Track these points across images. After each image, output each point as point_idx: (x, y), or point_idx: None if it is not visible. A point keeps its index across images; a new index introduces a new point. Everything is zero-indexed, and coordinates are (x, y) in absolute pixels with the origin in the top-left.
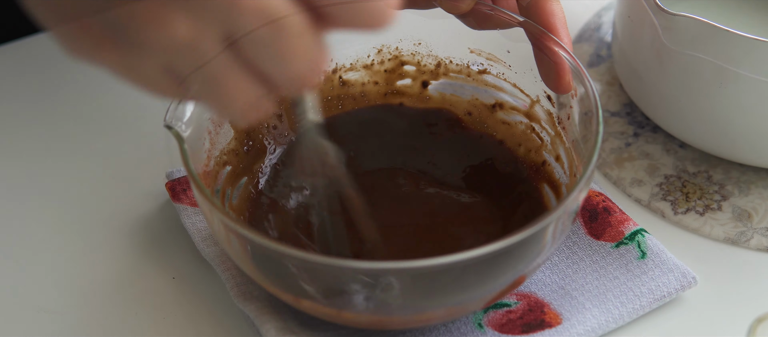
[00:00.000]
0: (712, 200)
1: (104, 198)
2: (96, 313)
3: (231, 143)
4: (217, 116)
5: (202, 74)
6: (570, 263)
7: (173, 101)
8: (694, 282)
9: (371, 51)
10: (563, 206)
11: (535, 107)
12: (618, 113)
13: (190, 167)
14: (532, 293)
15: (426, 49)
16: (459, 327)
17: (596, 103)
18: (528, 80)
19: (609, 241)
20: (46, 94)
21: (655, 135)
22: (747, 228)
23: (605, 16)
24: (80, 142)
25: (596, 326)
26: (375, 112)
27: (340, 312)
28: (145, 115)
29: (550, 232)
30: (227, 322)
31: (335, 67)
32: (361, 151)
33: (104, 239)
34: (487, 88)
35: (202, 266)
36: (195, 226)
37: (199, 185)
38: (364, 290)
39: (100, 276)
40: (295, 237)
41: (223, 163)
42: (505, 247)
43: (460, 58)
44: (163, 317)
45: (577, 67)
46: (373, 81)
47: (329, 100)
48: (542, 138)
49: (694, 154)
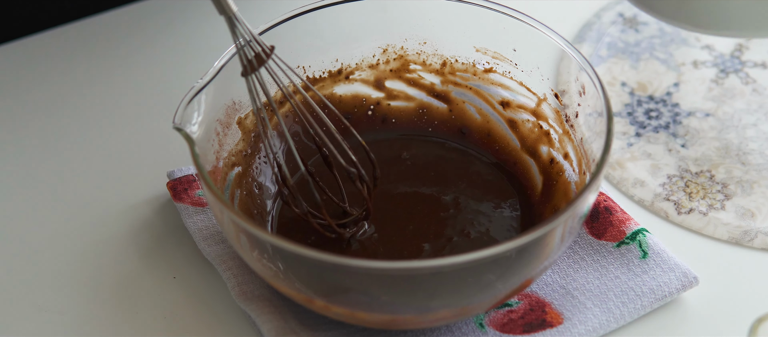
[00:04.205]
0: (715, 199)
1: (105, 198)
2: (96, 313)
3: (239, 144)
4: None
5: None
6: (571, 263)
7: (181, 103)
8: (695, 282)
9: (377, 51)
10: (571, 209)
11: (542, 105)
12: (619, 113)
13: (203, 170)
14: (534, 293)
15: (431, 48)
16: (460, 327)
17: (608, 105)
18: (534, 78)
19: (610, 240)
20: (46, 94)
21: (656, 135)
22: (751, 228)
23: (605, 16)
24: (81, 142)
25: (597, 325)
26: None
27: (353, 312)
28: (145, 115)
29: (558, 234)
30: (228, 321)
31: (341, 67)
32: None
33: (105, 238)
34: (493, 86)
35: (203, 266)
36: (196, 225)
37: (211, 187)
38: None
39: (101, 276)
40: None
41: (232, 165)
42: (515, 247)
43: (466, 57)
44: (163, 316)
45: (587, 65)
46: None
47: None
48: (550, 136)
49: (697, 154)
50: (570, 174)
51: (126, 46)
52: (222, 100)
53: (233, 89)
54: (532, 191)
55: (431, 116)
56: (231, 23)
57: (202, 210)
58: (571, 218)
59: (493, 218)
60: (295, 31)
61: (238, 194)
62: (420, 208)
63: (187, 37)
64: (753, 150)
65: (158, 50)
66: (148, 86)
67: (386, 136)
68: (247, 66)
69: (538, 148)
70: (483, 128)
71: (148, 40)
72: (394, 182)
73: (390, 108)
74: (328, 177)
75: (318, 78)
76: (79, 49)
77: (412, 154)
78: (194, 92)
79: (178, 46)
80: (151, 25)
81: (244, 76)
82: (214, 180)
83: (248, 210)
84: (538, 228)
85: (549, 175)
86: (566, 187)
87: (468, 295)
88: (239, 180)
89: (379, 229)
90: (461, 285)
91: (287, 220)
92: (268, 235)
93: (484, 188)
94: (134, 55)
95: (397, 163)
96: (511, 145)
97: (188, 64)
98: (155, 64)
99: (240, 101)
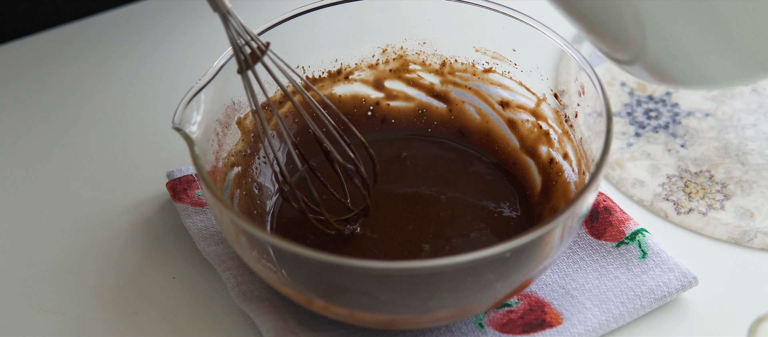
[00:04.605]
0: (714, 199)
1: (105, 198)
2: (96, 313)
3: (238, 145)
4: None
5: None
6: (570, 263)
7: (180, 103)
8: (694, 282)
9: (376, 51)
10: (571, 209)
11: (542, 105)
12: (618, 113)
13: (202, 171)
14: (533, 293)
15: (431, 48)
16: (460, 327)
17: (607, 105)
18: (534, 78)
19: (610, 240)
20: (46, 94)
21: (656, 135)
22: (750, 228)
23: None
24: (80, 142)
25: (597, 325)
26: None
27: (352, 312)
28: (145, 115)
29: (558, 234)
30: (227, 321)
31: (340, 67)
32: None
33: (105, 238)
34: (492, 86)
35: (202, 266)
36: (195, 226)
37: (210, 187)
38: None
39: (101, 276)
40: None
41: (231, 165)
42: (515, 247)
43: (465, 57)
44: (163, 316)
45: (587, 65)
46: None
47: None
48: (550, 136)
49: (696, 154)
50: (569, 174)
51: (126, 46)
52: (221, 100)
53: (233, 89)
54: (532, 191)
55: (431, 116)
56: (225, 20)
57: (202, 210)
58: (571, 218)
59: (492, 218)
60: (294, 31)
61: (238, 194)
62: (419, 208)
63: (187, 37)
64: (752, 150)
65: (158, 50)
66: (148, 86)
67: (386, 136)
68: (242, 63)
69: (537, 148)
70: (482, 128)
71: (148, 40)
72: (394, 183)
73: (389, 108)
74: (330, 173)
75: (317, 78)
76: (78, 49)
77: (411, 154)
78: (194, 92)
79: (178, 46)
80: (151, 25)
81: (239, 73)
82: (214, 180)
83: (248, 210)
84: (537, 228)
85: (548, 175)
86: (565, 187)
87: (467, 295)
88: (239, 180)
89: (379, 229)
90: (461, 285)
91: (287, 220)
92: (267, 235)
93: (484, 188)
94: (134, 55)
95: (397, 163)
96: (510, 145)
97: (188, 64)
98: (155, 64)
99: (239, 101)
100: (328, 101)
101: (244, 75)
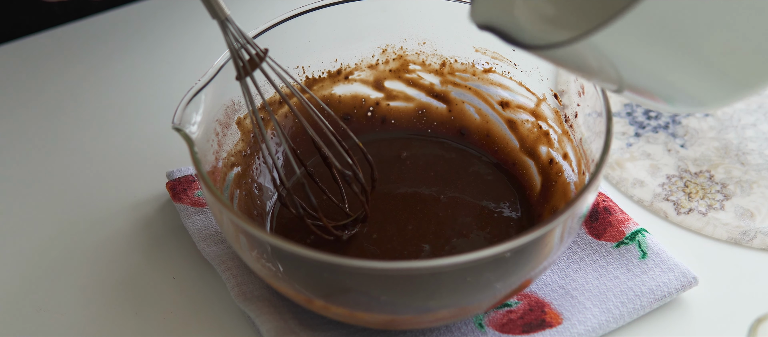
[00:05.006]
0: (714, 199)
1: (104, 198)
2: (96, 313)
3: (238, 145)
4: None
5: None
6: (570, 263)
7: (180, 103)
8: (694, 282)
9: (376, 51)
10: (571, 209)
11: (542, 105)
12: (618, 113)
13: (202, 171)
14: (533, 293)
15: (431, 48)
16: (460, 327)
17: (607, 105)
18: (534, 78)
19: (610, 241)
20: (46, 94)
21: (656, 135)
22: (750, 228)
23: None
24: (80, 142)
25: (597, 325)
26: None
27: (352, 312)
28: (145, 115)
29: (558, 234)
30: (227, 322)
31: (340, 67)
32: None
33: (105, 239)
34: (492, 86)
35: (202, 266)
36: (195, 226)
37: (210, 187)
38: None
39: (101, 276)
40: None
41: (231, 165)
42: (514, 247)
43: (465, 57)
44: (163, 316)
45: None
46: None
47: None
48: (549, 136)
49: (696, 154)
50: (569, 174)
51: (126, 46)
52: (221, 100)
53: (232, 90)
54: (531, 191)
55: (430, 117)
56: (223, 27)
57: (202, 210)
58: (570, 218)
59: (492, 218)
60: (294, 31)
61: (238, 195)
62: (419, 208)
63: (187, 37)
64: (752, 150)
65: (158, 50)
66: (148, 86)
67: (386, 136)
68: (241, 70)
69: (537, 148)
70: (482, 128)
71: (148, 40)
72: (394, 183)
73: (389, 108)
74: (328, 178)
75: (317, 78)
76: (78, 49)
77: (411, 154)
78: (193, 93)
79: (178, 46)
80: (151, 25)
81: (238, 80)
82: (214, 180)
83: (248, 210)
84: (537, 228)
85: (548, 175)
86: (565, 187)
87: (467, 295)
88: (238, 180)
89: (379, 229)
90: (461, 285)
91: (286, 220)
92: (267, 235)
93: (483, 188)
94: (134, 55)
95: (397, 163)
96: (510, 145)
97: (188, 64)
98: (155, 64)
99: (239, 102)
100: (326, 106)
101: (243, 82)
